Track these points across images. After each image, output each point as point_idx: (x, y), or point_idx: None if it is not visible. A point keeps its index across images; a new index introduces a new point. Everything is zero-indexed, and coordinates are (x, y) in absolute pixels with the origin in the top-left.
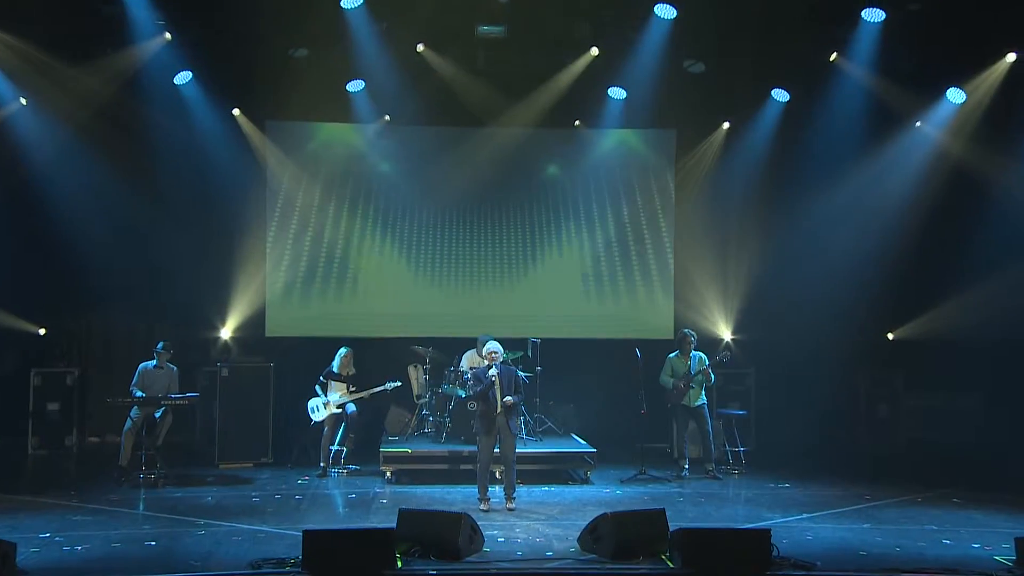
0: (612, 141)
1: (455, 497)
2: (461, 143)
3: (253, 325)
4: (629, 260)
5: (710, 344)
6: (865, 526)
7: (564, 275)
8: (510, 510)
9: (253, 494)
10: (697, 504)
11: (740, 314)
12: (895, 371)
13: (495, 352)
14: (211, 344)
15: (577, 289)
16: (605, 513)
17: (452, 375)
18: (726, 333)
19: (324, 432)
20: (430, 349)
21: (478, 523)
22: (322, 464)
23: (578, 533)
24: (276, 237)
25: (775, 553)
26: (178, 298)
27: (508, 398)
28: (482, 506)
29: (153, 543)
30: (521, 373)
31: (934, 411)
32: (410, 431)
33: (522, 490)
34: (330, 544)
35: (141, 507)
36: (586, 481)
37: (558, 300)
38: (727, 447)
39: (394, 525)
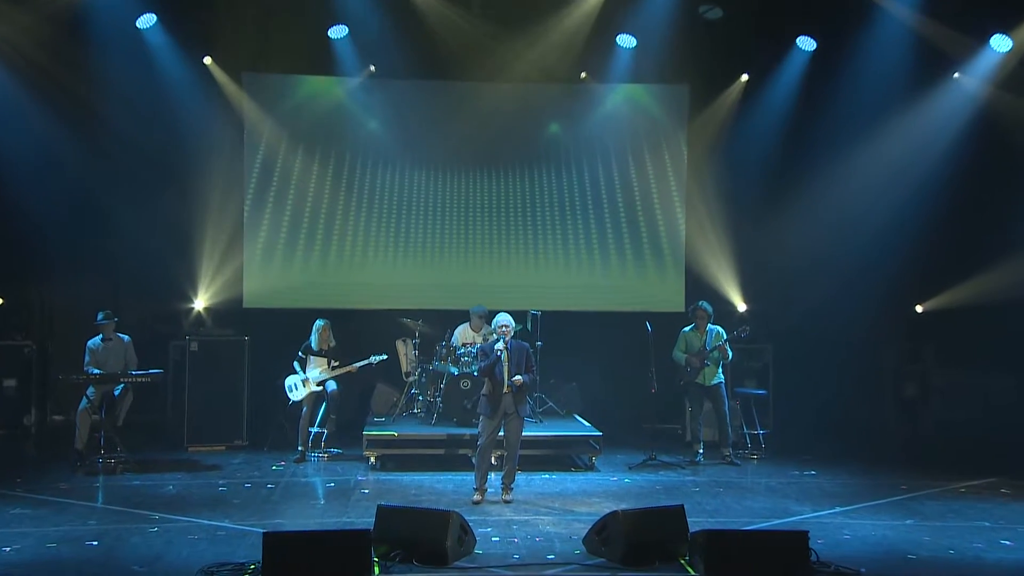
0: (619, 97)
1: (445, 486)
2: (454, 98)
3: (229, 295)
4: (637, 227)
5: (724, 317)
6: (908, 522)
7: (566, 242)
8: (507, 502)
9: (220, 482)
10: (715, 495)
11: (757, 285)
12: (925, 346)
13: (506, 325)
14: (183, 316)
15: (580, 258)
16: (615, 511)
17: (444, 351)
18: (741, 305)
19: (303, 412)
20: (420, 322)
21: (469, 520)
22: (300, 448)
23: (583, 531)
24: (254, 201)
25: (813, 558)
26: (147, 265)
27: (517, 377)
28: (476, 496)
29: (95, 543)
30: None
31: (968, 390)
32: (398, 411)
33: (520, 478)
34: (295, 548)
35: (92, 498)
36: (591, 467)
37: (559, 269)
38: (745, 429)
39: (372, 523)
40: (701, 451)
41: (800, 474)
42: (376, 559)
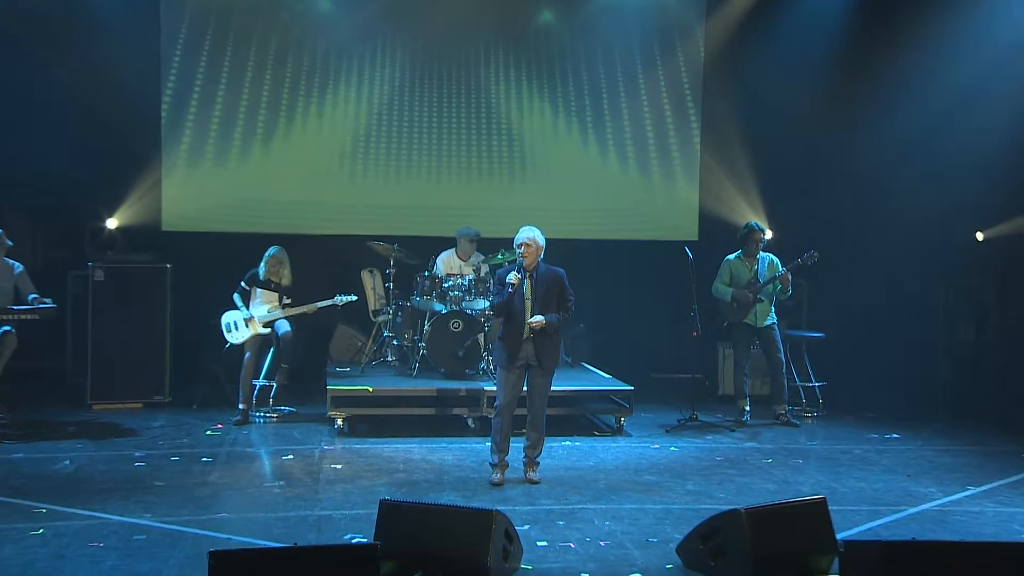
0: None
1: (443, 458)
2: None
3: (143, 214)
4: (644, 140)
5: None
6: None
7: (560, 157)
8: (533, 482)
9: (137, 454)
10: (798, 469)
11: (785, 210)
12: (984, 281)
13: (529, 243)
14: (85, 237)
15: (577, 176)
16: (736, 509)
17: (427, 283)
18: (768, 233)
19: (245, 360)
20: (395, 247)
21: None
22: (241, 405)
23: (658, 527)
24: (175, 95)
25: None
26: (41, 175)
27: (537, 317)
28: (496, 476)
29: None
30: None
31: None
32: (365, 359)
33: None
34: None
35: None
36: (618, 431)
37: (553, 189)
38: (798, 381)
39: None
40: (748, 408)
41: (880, 438)
42: None
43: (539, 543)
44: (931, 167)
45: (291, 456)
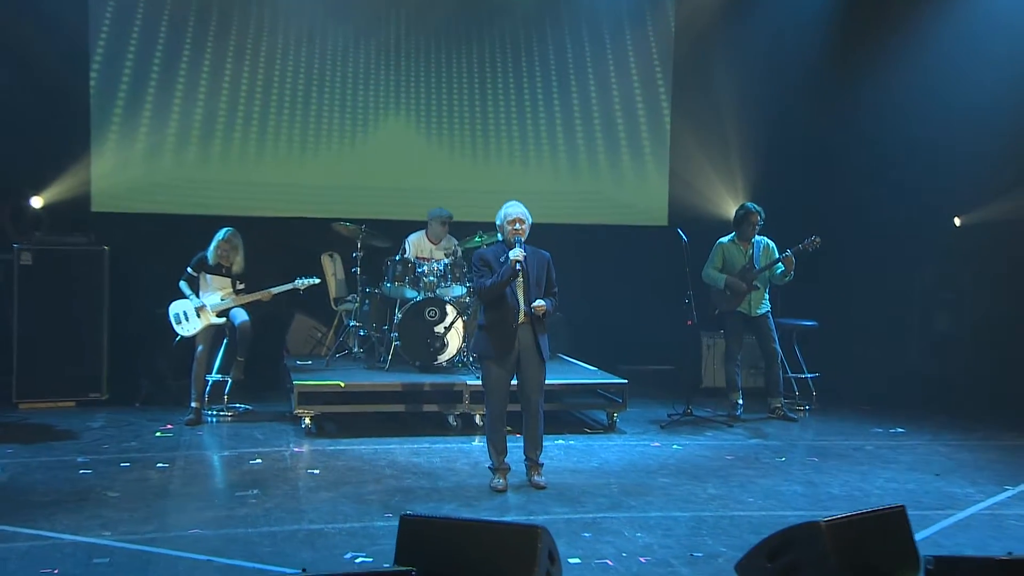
0: None
1: (431, 460)
2: None
3: (74, 193)
4: (612, 120)
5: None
6: None
7: (524, 137)
8: (540, 487)
9: (79, 459)
10: (815, 468)
11: (762, 195)
12: (961, 268)
13: (521, 219)
14: (10, 217)
15: (542, 156)
16: (815, 522)
17: (399, 268)
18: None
19: (197, 353)
20: (363, 227)
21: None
22: (194, 403)
23: (693, 539)
24: (106, 61)
25: None
26: None
27: (539, 302)
28: (497, 481)
29: None
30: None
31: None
32: (327, 351)
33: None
34: None
35: None
36: (611, 428)
37: (515, 170)
38: (790, 373)
39: (348, 527)
40: (741, 402)
41: (886, 432)
42: None
43: (571, 560)
44: (913, 152)
45: (259, 460)
